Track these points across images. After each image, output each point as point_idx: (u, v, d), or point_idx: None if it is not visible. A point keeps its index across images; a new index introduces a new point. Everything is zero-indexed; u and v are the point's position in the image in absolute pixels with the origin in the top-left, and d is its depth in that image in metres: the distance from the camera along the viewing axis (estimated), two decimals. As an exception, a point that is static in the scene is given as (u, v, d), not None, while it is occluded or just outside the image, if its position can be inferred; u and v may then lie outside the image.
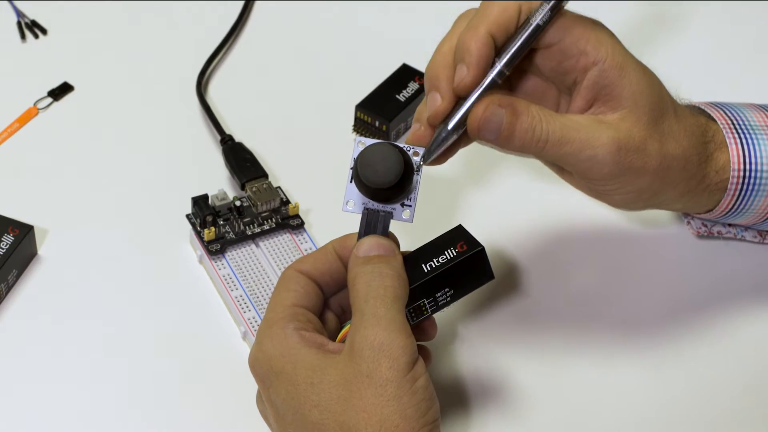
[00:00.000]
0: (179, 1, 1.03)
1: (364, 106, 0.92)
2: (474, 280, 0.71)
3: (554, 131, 0.72)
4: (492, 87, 0.71)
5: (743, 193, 0.78)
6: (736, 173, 0.77)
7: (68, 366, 0.78)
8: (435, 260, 0.70)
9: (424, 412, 0.66)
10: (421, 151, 0.72)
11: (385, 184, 0.70)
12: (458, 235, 0.71)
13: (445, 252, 0.71)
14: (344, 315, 0.73)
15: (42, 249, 0.84)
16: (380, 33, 1.02)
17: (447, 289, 0.71)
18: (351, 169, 0.71)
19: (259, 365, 0.69)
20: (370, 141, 0.71)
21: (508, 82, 0.75)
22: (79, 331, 0.80)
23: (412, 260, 0.71)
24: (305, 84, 0.97)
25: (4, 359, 0.79)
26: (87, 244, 0.85)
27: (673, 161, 0.74)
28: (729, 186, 0.77)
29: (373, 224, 0.71)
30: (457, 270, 0.70)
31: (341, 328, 0.72)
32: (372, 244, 0.70)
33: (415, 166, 0.71)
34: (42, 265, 0.84)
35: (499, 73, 0.71)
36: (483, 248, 0.71)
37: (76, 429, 0.76)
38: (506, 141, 0.71)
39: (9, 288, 0.82)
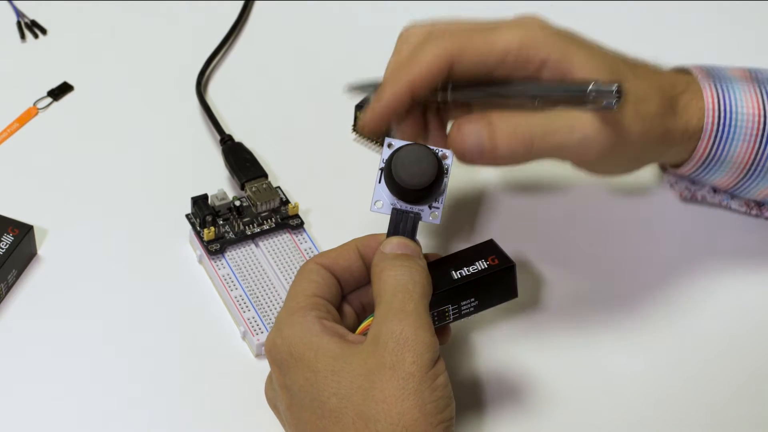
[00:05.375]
0: (179, 1, 1.03)
1: (364, 106, 0.92)
2: (499, 295, 0.73)
3: (537, 125, 0.73)
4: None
5: (719, 135, 0.79)
6: (710, 114, 0.79)
7: (68, 366, 0.78)
8: (465, 269, 0.72)
9: (442, 409, 0.66)
10: (449, 153, 0.73)
11: (419, 186, 0.71)
12: (490, 249, 0.73)
13: (477, 263, 0.72)
14: (363, 312, 0.74)
15: (42, 249, 0.84)
16: (380, 33, 1.02)
17: (472, 299, 0.72)
18: (380, 169, 0.73)
19: (276, 350, 0.69)
20: (398, 142, 0.73)
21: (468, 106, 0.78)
22: (79, 331, 0.80)
23: (441, 266, 0.72)
24: (305, 84, 0.97)
25: (4, 359, 0.79)
26: (87, 244, 0.85)
27: (654, 118, 0.76)
28: (704, 127, 0.79)
29: (402, 225, 0.72)
30: (485, 282, 0.72)
31: (360, 323, 0.72)
32: (400, 243, 0.71)
33: (444, 169, 0.72)
34: (42, 265, 0.84)
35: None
36: (514, 265, 0.72)
37: (76, 429, 0.76)
38: (493, 153, 0.73)
39: (9, 288, 0.82)
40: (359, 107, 0.92)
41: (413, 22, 0.77)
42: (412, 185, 0.71)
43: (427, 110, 0.77)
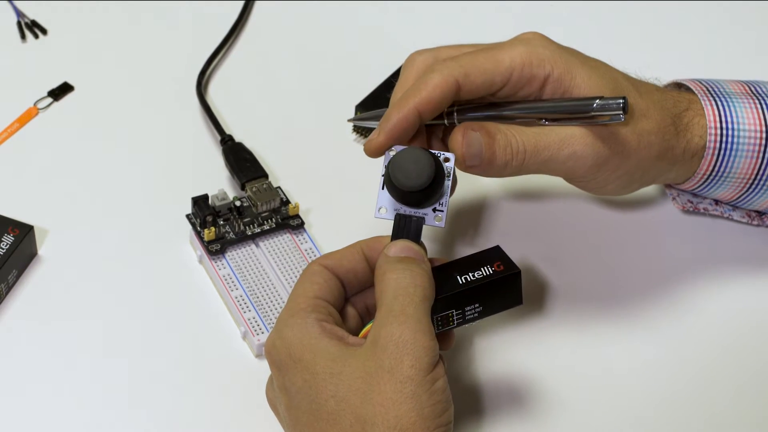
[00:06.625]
0: (179, 1, 1.03)
1: (364, 106, 0.92)
2: (504, 302, 0.73)
3: (529, 141, 0.74)
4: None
5: (722, 152, 0.79)
6: (713, 132, 0.79)
7: (68, 366, 0.78)
8: (471, 274, 0.71)
9: (440, 413, 0.66)
10: (451, 156, 0.73)
11: (416, 187, 0.71)
12: (496, 255, 0.73)
13: (482, 268, 0.72)
14: (368, 314, 0.74)
15: (42, 249, 0.84)
16: (380, 33, 1.02)
17: (477, 305, 0.72)
18: (382, 176, 0.73)
19: (276, 351, 0.69)
20: (399, 147, 0.73)
21: None
22: (79, 331, 0.80)
23: (447, 270, 0.72)
24: (305, 84, 0.97)
25: (4, 359, 0.79)
26: (87, 244, 0.85)
27: (651, 136, 0.77)
28: (707, 145, 0.79)
29: (405, 229, 0.72)
30: (490, 288, 0.71)
31: (364, 326, 0.72)
32: (404, 246, 0.71)
33: (446, 172, 0.72)
34: (42, 265, 0.84)
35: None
36: (519, 272, 0.72)
37: (76, 429, 0.76)
38: (489, 163, 0.74)
39: (9, 288, 0.82)
40: (360, 107, 0.92)
41: (419, 49, 0.78)
42: (409, 187, 0.71)
43: (431, 135, 0.77)
